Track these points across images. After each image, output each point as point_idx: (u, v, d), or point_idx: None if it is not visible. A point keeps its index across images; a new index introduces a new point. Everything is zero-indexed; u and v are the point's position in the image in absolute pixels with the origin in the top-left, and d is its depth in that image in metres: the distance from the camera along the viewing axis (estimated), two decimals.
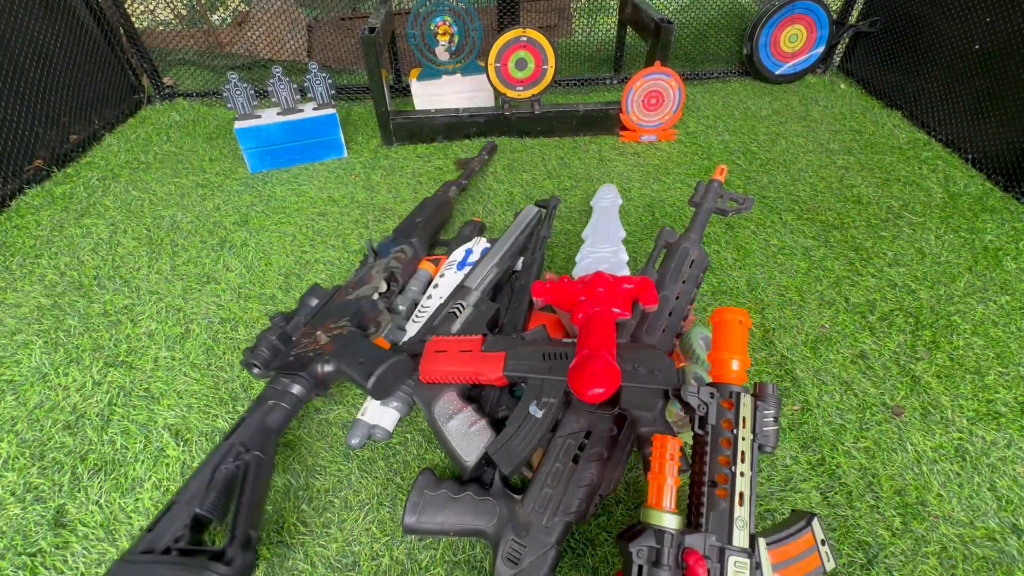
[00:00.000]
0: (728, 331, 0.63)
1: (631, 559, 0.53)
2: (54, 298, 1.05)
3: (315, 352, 0.81)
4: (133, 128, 1.66)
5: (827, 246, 1.16)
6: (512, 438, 0.67)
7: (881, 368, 0.90)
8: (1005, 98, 1.36)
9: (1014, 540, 0.69)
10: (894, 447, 0.79)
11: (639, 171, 1.43)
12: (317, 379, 0.79)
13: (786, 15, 1.77)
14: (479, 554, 0.68)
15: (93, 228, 1.24)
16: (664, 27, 1.45)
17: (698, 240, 0.85)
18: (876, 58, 1.82)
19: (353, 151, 1.54)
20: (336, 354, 0.79)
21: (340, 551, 0.69)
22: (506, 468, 0.66)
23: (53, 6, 1.49)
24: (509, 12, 1.77)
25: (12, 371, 0.90)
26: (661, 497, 0.55)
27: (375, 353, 0.78)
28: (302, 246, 1.18)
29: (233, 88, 1.35)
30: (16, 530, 0.70)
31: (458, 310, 0.88)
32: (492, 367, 0.74)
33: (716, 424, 0.59)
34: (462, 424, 0.73)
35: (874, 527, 0.70)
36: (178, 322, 1.00)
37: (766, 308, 1.01)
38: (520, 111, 1.55)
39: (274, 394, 0.76)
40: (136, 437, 0.81)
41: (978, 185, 1.35)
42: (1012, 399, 0.85)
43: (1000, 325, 0.97)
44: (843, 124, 1.64)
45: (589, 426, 0.68)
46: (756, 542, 0.55)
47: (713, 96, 1.82)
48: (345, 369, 0.78)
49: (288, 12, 1.91)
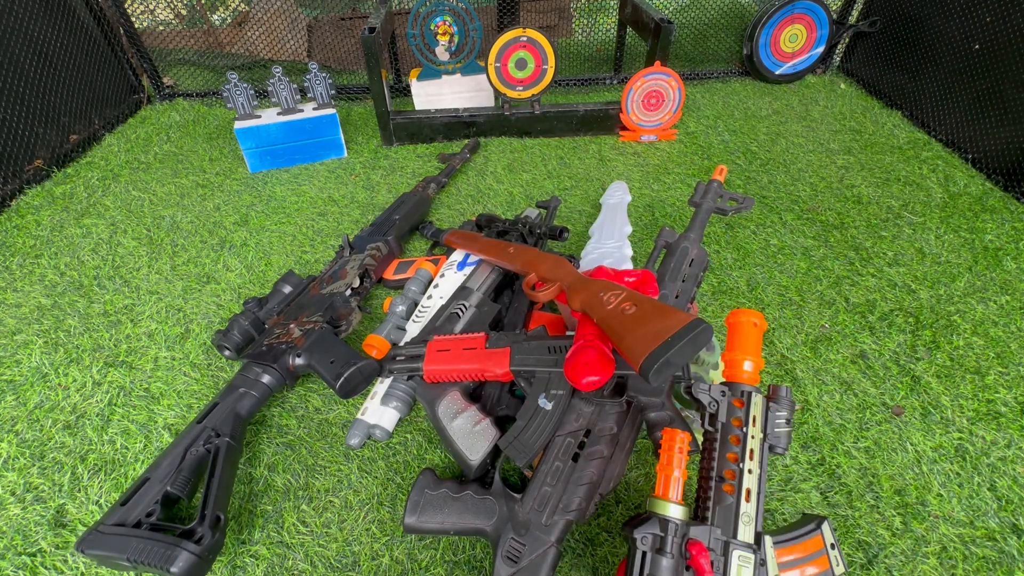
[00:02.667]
0: (742, 332, 0.64)
1: (635, 545, 0.54)
2: (54, 298, 1.05)
3: (287, 344, 0.84)
4: (133, 128, 1.66)
5: (827, 246, 1.16)
6: (523, 431, 0.68)
7: (881, 368, 0.90)
8: (1005, 98, 1.36)
9: (1014, 540, 0.69)
10: (894, 447, 0.79)
11: (639, 171, 1.43)
12: (288, 371, 0.82)
13: (786, 15, 1.77)
14: (479, 554, 0.68)
15: (93, 228, 1.24)
16: (664, 27, 1.45)
17: (698, 239, 0.86)
18: (876, 58, 1.82)
19: (353, 151, 1.54)
20: (307, 349, 0.82)
21: (340, 551, 0.69)
22: (520, 461, 0.66)
23: (53, 6, 1.49)
24: (509, 12, 1.77)
25: (12, 371, 0.90)
26: (668, 488, 0.56)
27: (345, 354, 0.81)
28: (302, 246, 1.18)
29: (233, 88, 1.35)
30: (16, 530, 0.70)
31: (460, 311, 0.88)
32: (498, 363, 0.74)
33: (726, 422, 0.60)
34: (466, 423, 0.74)
35: (874, 527, 0.70)
36: (178, 322, 1.00)
37: (766, 308, 1.01)
38: (520, 111, 1.55)
39: (245, 382, 0.80)
40: (136, 437, 0.81)
41: (978, 185, 1.35)
42: (1012, 399, 0.85)
43: (1000, 325, 0.97)
44: (843, 124, 1.64)
45: (589, 425, 0.68)
46: (762, 540, 0.55)
47: (713, 96, 1.82)
48: (315, 366, 0.81)
49: (288, 12, 1.91)
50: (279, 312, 0.93)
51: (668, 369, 0.54)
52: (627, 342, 0.57)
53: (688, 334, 0.54)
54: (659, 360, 0.53)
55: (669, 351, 0.53)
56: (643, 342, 0.55)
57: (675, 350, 0.53)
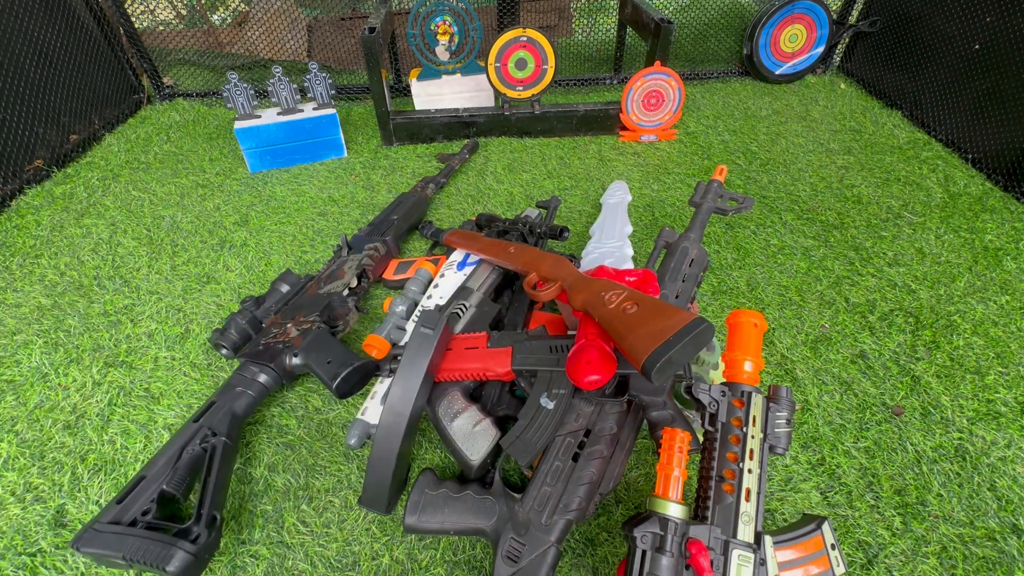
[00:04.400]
0: (742, 333, 0.64)
1: (635, 544, 0.54)
2: (54, 298, 1.05)
3: (284, 344, 0.84)
4: (133, 128, 1.66)
5: (827, 246, 1.16)
6: (526, 430, 0.68)
7: (881, 368, 0.90)
8: (1005, 98, 1.36)
9: (1014, 540, 0.69)
10: (894, 447, 0.79)
11: (639, 171, 1.43)
12: (284, 370, 0.83)
13: (786, 15, 1.77)
14: (479, 554, 0.68)
15: (93, 228, 1.24)
16: (664, 27, 1.45)
17: (698, 239, 0.86)
18: (876, 58, 1.82)
19: (353, 151, 1.54)
20: (304, 349, 0.83)
21: (340, 551, 0.69)
22: (522, 460, 0.66)
23: (53, 6, 1.49)
24: (509, 12, 1.77)
25: (12, 371, 0.90)
26: (668, 487, 0.57)
27: (342, 354, 0.81)
28: (302, 246, 1.18)
29: (233, 88, 1.35)
30: (16, 530, 0.70)
31: (461, 311, 0.88)
32: (500, 362, 0.75)
33: (726, 421, 0.60)
34: (467, 423, 0.74)
35: (874, 527, 0.70)
36: (178, 322, 1.00)
37: (766, 308, 1.01)
38: (520, 111, 1.55)
39: (242, 381, 0.80)
40: (136, 437, 0.81)
41: (978, 185, 1.35)
42: (1012, 399, 0.85)
43: (1000, 325, 0.97)
44: (843, 124, 1.64)
45: (589, 424, 0.68)
46: (762, 539, 0.55)
47: (713, 96, 1.82)
48: (312, 366, 0.81)
49: (288, 12, 1.91)
50: (276, 311, 0.93)
51: (670, 368, 0.54)
52: (629, 341, 0.57)
53: (690, 333, 0.54)
54: (662, 359, 0.53)
55: (671, 350, 0.53)
56: (645, 341, 0.55)
57: (677, 349, 0.53)
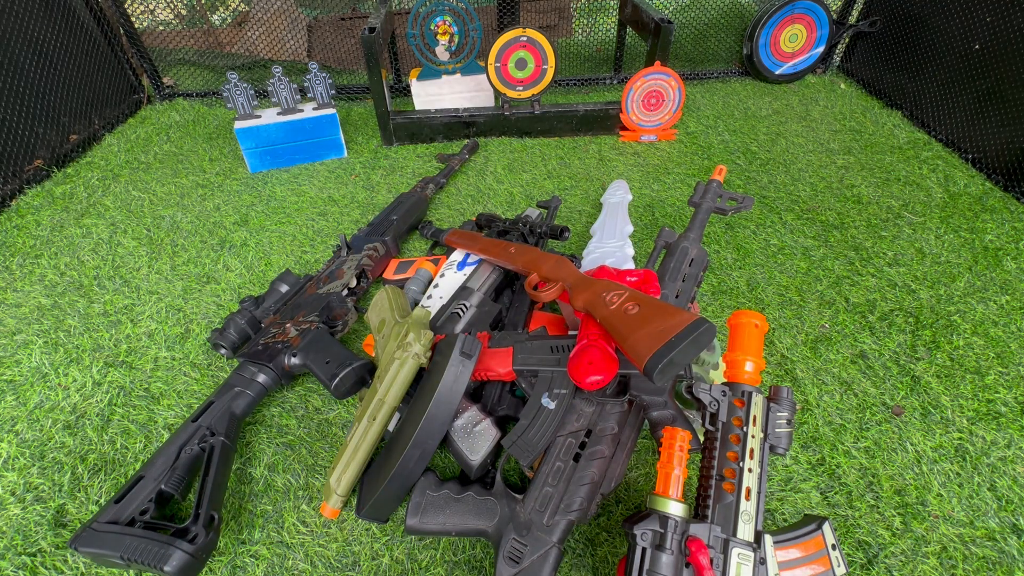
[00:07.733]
0: (743, 334, 0.65)
1: (635, 541, 0.54)
2: (54, 298, 1.05)
3: (283, 344, 0.85)
4: (133, 128, 1.66)
5: (827, 246, 1.16)
6: (527, 430, 0.68)
7: (881, 368, 0.90)
8: (1005, 98, 1.36)
9: (1014, 540, 0.69)
10: (894, 447, 0.79)
11: (639, 171, 1.43)
12: (283, 370, 0.83)
13: (786, 15, 1.77)
14: (479, 554, 0.68)
15: (93, 228, 1.23)
16: (664, 27, 1.45)
17: (697, 239, 0.86)
18: (876, 58, 1.82)
19: (353, 151, 1.54)
20: (303, 349, 0.83)
21: (340, 551, 0.69)
22: (524, 460, 0.66)
23: (53, 6, 1.48)
24: (509, 12, 1.77)
25: (12, 371, 0.90)
26: (668, 486, 0.57)
27: (340, 354, 0.82)
28: (302, 246, 1.18)
29: (233, 88, 1.35)
30: (16, 530, 0.70)
31: (461, 311, 0.88)
32: (501, 362, 0.75)
33: (727, 421, 0.60)
34: (467, 423, 0.74)
35: (874, 527, 0.70)
36: (178, 322, 1.00)
37: (766, 308, 1.01)
38: (520, 111, 1.55)
39: (241, 381, 0.80)
40: (136, 437, 0.81)
41: (978, 185, 1.35)
42: (1012, 399, 0.85)
43: (1000, 325, 0.97)
44: (843, 124, 1.64)
45: (590, 425, 0.68)
46: (762, 538, 0.55)
47: (713, 96, 1.82)
48: (311, 366, 0.81)
49: (288, 12, 1.91)
50: (275, 311, 0.93)
51: (672, 368, 0.54)
52: (631, 341, 0.57)
53: (692, 334, 0.54)
54: (663, 359, 0.53)
55: (673, 350, 0.53)
56: (647, 341, 0.55)
57: (679, 349, 0.53)
